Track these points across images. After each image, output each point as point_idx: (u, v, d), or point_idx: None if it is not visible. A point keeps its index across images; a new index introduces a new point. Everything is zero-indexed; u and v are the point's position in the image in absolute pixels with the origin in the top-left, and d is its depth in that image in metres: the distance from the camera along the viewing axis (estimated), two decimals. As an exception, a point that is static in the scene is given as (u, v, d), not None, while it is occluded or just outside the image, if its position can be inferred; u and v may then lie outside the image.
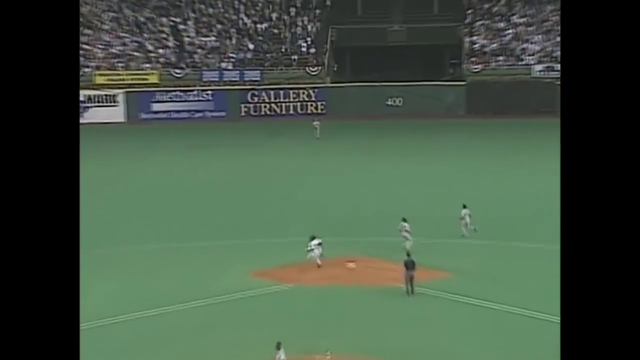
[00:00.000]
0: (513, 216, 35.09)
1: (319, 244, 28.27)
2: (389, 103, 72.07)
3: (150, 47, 75.57)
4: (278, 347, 19.46)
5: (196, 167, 50.03)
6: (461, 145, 56.83)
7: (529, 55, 71.38)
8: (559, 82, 60.14)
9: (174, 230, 34.32)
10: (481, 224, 33.30)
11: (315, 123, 60.21)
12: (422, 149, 55.79)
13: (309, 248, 28.10)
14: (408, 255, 26.01)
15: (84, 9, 74.46)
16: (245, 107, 71.95)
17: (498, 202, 38.22)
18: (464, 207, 32.23)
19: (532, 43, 72.08)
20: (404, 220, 30.50)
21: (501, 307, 24.07)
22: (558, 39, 68.65)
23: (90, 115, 67.85)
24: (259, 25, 77.33)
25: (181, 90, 71.92)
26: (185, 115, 71.75)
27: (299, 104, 72.02)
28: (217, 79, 73.09)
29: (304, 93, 72.14)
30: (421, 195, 39.76)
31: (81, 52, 68.68)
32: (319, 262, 28.02)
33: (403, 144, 58.31)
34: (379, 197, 40.27)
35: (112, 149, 55.22)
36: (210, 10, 78.26)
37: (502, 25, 75.06)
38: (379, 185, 43.37)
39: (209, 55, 75.39)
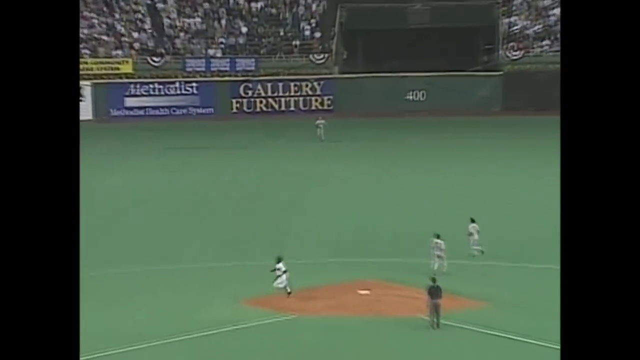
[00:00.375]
0: (550, 235, 35.18)
1: (285, 271, 28.12)
2: (409, 97, 72.38)
3: (122, 30, 76.04)
4: None
5: (178, 174, 50.34)
6: (496, 149, 57.06)
7: (578, 40, 71.58)
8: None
9: (152, 251, 34.62)
10: (516, 243, 33.53)
11: (319, 122, 60.54)
12: (448, 152, 56.01)
13: (278, 273, 28.16)
14: (433, 280, 26.21)
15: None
16: (237, 102, 72.33)
17: (533, 217, 38.38)
18: (472, 221, 32.66)
19: (581, 25, 72.33)
20: (437, 236, 30.76)
21: (543, 343, 24.28)
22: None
23: (51, 112, 68.42)
24: (253, 4, 77.74)
25: (160, 82, 72.35)
26: (165, 112, 72.17)
27: (301, 98, 72.38)
28: (203, 69, 73.53)
29: (307, 86, 72.51)
30: (446, 207, 39.97)
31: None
32: (281, 287, 27.97)
33: (425, 146, 58.54)
34: (396, 209, 40.52)
35: (77, 153, 55.53)
36: (195, -14, 78.68)
37: (546, 2, 75.32)
38: (396, 195, 43.61)
39: (194, 40, 75.83)
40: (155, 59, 73.74)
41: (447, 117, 68.11)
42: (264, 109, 72.37)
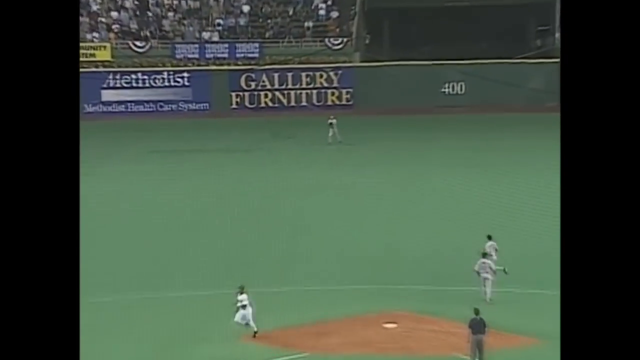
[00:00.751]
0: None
1: (245, 305, 28.19)
2: (446, 90, 72.50)
3: (98, 9, 76.41)
4: None
5: (165, 183, 50.50)
6: (551, 151, 56.91)
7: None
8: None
9: (137, 276, 34.80)
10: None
11: (331, 121, 60.66)
12: (492, 156, 56.00)
13: (239, 304, 28.18)
14: (476, 312, 26.30)
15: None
16: (238, 96, 72.61)
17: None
18: (489, 238, 33.00)
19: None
20: (485, 255, 30.98)
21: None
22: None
23: (13, 108, 68.88)
24: (256, -22, 78.08)
25: (144, 72, 72.69)
26: (151, 107, 72.49)
27: (314, 92, 72.59)
28: (196, 56, 73.85)
29: (321, 76, 72.73)
30: (486, 222, 39.88)
31: None
32: (252, 325, 28.07)
33: (464, 148, 58.52)
34: (428, 225, 40.55)
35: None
36: (187, -44, 79.06)
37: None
38: (427, 208, 43.64)
39: (185, 21, 76.15)
40: (138, 43, 74.08)
41: (491, 114, 68.11)
42: (270, 104, 72.61)
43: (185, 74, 72.61)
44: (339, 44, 73.98)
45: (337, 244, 38.11)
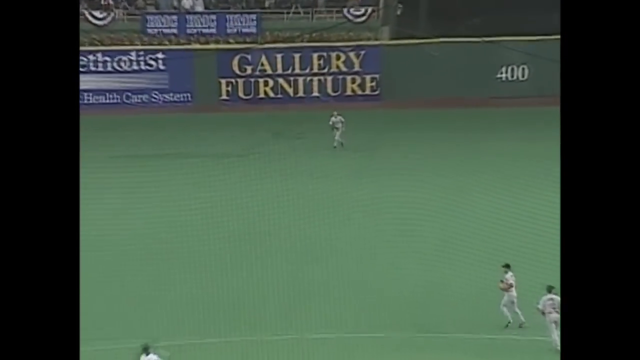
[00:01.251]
0: None
1: None
2: (502, 76, 72.62)
3: (47, -30, 76.82)
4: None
5: (134, 197, 50.58)
6: None
7: None
8: None
9: (95, 321, 34.98)
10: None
11: (334, 119, 60.96)
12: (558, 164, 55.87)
13: None
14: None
15: None
16: (229, 84, 72.74)
17: None
18: (507, 266, 34.10)
19: None
20: (551, 289, 31.50)
21: None
22: None
23: None
24: None
25: (106, 52, 72.88)
26: (114, 98, 72.69)
27: (329, 78, 72.71)
28: (174, 31, 74.01)
29: (339, 58, 72.82)
30: (547, 252, 39.83)
31: None
32: None
33: (526, 154, 58.53)
34: (474, 257, 40.48)
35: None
36: None
37: None
38: (474, 234, 43.54)
39: (159, -14, 76.43)
40: (97, 14, 74.29)
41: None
42: (271, 94, 72.75)
43: (160, 55, 72.75)
44: (361, 16, 74.12)
45: (358, 278, 38.24)
